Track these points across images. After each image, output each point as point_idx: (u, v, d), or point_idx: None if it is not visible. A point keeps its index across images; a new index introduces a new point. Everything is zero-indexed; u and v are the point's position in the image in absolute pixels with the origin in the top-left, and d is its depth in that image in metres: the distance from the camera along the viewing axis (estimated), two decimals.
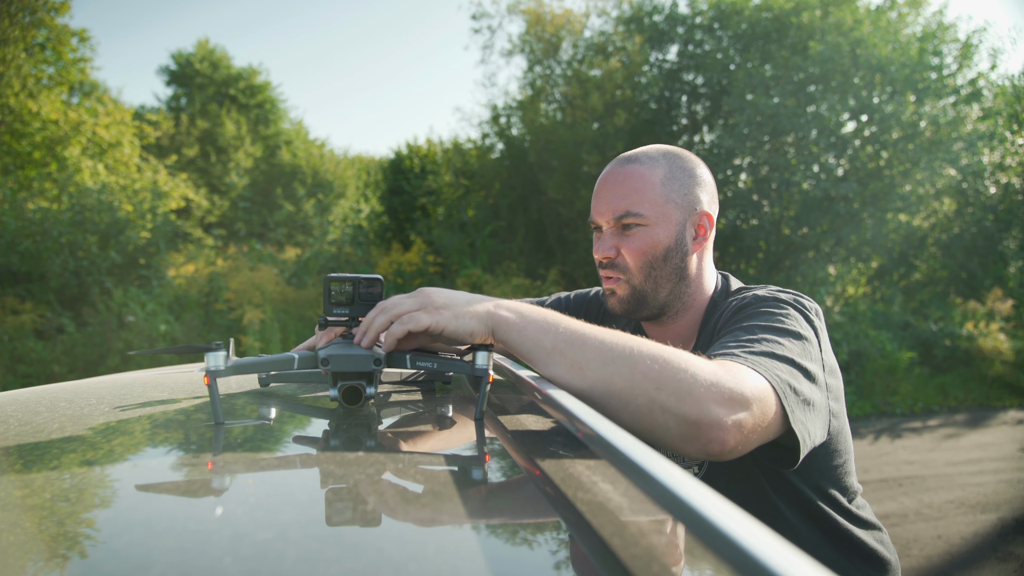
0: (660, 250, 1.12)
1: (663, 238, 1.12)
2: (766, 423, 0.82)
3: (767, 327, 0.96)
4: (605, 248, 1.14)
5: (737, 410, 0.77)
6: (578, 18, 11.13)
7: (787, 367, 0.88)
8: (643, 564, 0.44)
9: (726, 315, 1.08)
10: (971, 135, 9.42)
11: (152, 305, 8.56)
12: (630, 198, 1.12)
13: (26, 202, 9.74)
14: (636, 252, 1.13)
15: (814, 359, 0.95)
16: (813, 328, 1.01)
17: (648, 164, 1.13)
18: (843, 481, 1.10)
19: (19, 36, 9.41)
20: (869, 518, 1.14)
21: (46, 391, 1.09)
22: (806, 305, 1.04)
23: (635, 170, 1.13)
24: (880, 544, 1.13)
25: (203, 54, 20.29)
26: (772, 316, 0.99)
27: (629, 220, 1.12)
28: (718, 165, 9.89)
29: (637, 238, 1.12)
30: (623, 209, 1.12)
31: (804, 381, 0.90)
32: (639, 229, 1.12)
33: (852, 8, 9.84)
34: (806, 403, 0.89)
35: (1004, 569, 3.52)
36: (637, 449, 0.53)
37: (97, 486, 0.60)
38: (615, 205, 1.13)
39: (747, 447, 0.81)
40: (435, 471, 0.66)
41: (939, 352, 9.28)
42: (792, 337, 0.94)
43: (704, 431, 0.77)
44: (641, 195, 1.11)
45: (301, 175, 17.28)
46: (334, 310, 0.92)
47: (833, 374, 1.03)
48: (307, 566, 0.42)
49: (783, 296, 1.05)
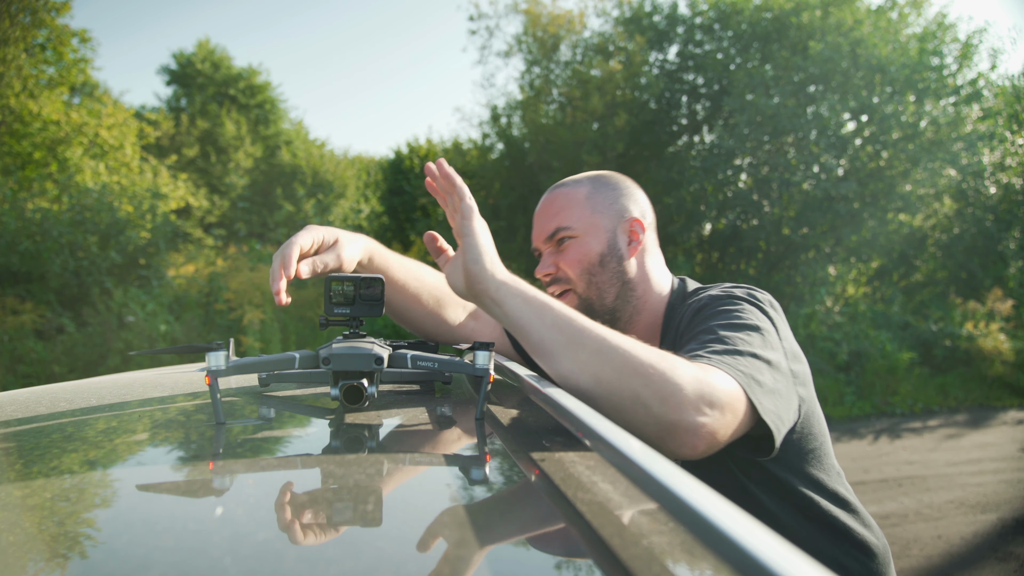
0: (595, 257, 1.19)
1: (595, 246, 1.20)
2: (737, 424, 0.85)
3: (726, 325, 0.99)
4: (545, 267, 1.23)
5: (714, 416, 0.81)
6: (578, 18, 11.13)
7: (749, 360, 0.91)
8: (643, 564, 0.44)
9: (686, 319, 1.11)
10: (971, 135, 9.42)
11: (152, 305, 8.56)
12: (558, 216, 1.21)
13: (26, 202, 9.74)
14: (572, 262, 1.20)
15: (775, 348, 0.99)
16: (769, 318, 1.04)
17: (572, 185, 1.24)
18: (821, 463, 1.12)
19: (20, 36, 9.41)
20: (851, 500, 1.15)
21: (46, 391, 1.09)
22: (759, 298, 1.08)
23: (560, 192, 1.24)
24: (865, 527, 1.13)
25: (204, 54, 20.30)
26: (729, 314, 1.02)
27: (561, 235, 1.21)
28: (718, 165, 9.89)
29: (571, 250, 1.20)
30: (553, 227, 1.21)
31: (768, 371, 0.93)
32: (571, 242, 1.21)
33: (852, 8, 9.85)
34: (773, 392, 0.92)
35: (1004, 569, 3.52)
36: (637, 449, 0.53)
37: (97, 486, 0.60)
38: (546, 226, 1.22)
39: (714, 450, 0.85)
40: (435, 471, 0.66)
41: (939, 352, 9.28)
42: (751, 330, 0.97)
43: (679, 435, 0.80)
44: (568, 211, 1.21)
45: (301, 175, 17.27)
46: (335, 310, 0.93)
47: (797, 359, 1.06)
48: (307, 566, 0.42)
49: (737, 292, 1.09)
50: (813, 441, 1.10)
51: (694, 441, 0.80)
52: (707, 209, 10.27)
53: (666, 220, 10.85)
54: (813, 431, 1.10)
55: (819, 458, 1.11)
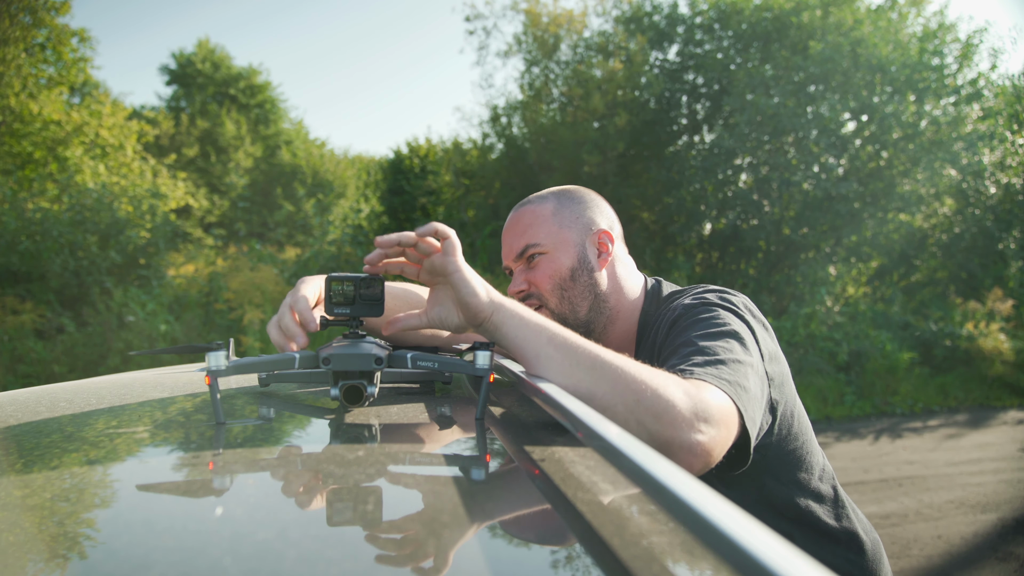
0: (565, 271, 1.19)
1: (565, 261, 1.20)
2: (730, 437, 0.85)
3: (704, 335, 0.98)
4: (517, 284, 1.23)
5: (709, 433, 0.80)
6: (578, 17, 11.13)
7: (733, 368, 0.91)
8: (643, 564, 0.44)
9: (663, 330, 1.10)
10: (971, 135, 9.41)
11: (152, 305, 8.56)
12: (526, 234, 1.22)
13: (26, 202, 9.74)
14: (544, 278, 1.20)
15: (752, 352, 0.98)
16: (745, 322, 1.03)
17: (538, 202, 1.24)
18: (803, 462, 1.11)
19: (20, 36, 9.41)
20: (838, 497, 1.15)
21: (46, 391, 1.09)
22: (733, 301, 1.07)
23: (527, 210, 1.24)
24: (852, 524, 1.13)
25: (204, 54, 20.31)
26: (706, 322, 1.01)
27: (531, 252, 1.21)
28: (718, 165, 9.89)
29: (542, 266, 1.20)
30: (522, 245, 1.22)
31: (752, 376, 0.93)
32: (541, 258, 1.21)
33: (852, 8, 9.85)
34: (755, 399, 0.92)
35: (1004, 569, 3.52)
36: (637, 450, 0.53)
37: (97, 486, 0.60)
38: (515, 244, 1.23)
39: (710, 467, 0.84)
40: (435, 471, 0.66)
41: (939, 352, 9.28)
42: (729, 337, 0.97)
43: (675, 453, 0.79)
44: (536, 228, 1.21)
45: (301, 175, 17.27)
46: (335, 310, 0.92)
47: (774, 360, 1.05)
48: (307, 566, 0.42)
49: (709, 298, 1.08)
50: (794, 441, 1.10)
51: (690, 459, 0.80)
52: (707, 209, 10.27)
53: (666, 220, 10.85)
54: (793, 431, 1.10)
55: (800, 458, 1.11)
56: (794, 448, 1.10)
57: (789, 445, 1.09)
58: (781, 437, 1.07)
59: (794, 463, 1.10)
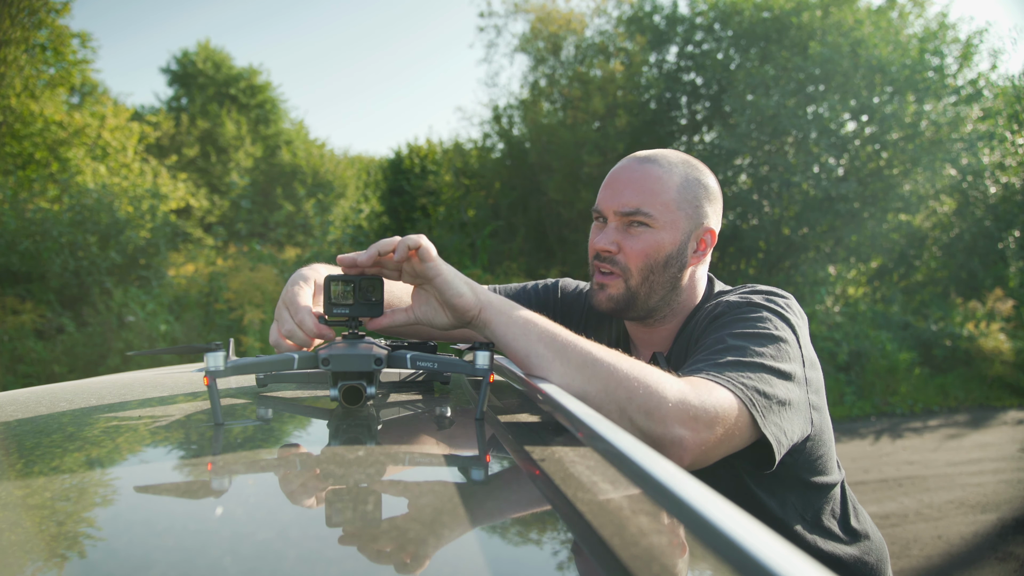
0: (662, 256, 1.10)
1: (667, 244, 1.10)
2: (731, 437, 0.84)
3: (739, 335, 0.97)
4: (607, 241, 1.11)
5: (700, 430, 0.81)
6: (580, 17, 11.13)
7: (757, 373, 0.90)
8: (643, 563, 0.44)
9: (701, 324, 1.09)
10: (971, 135, 9.41)
11: (152, 305, 8.56)
12: (642, 196, 1.09)
13: (26, 202, 9.74)
14: (638, 253, 1.10)
15: (792, 358, 0.97)
16: (789, 325, 1.02)
17: (667, 168, 1.11)
18: (826, 466, 1.12)
19: (20, 37, 9.41)
20: (849, 500, 1.16)
21: (46, 391, 1.09)
22: (779, 303, 1.05)
23: (653, 171, 1.11)
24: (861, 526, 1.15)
25: (205, 54, 20.31)
26: (745, 323, 1.00)
27: (638, 218, 1.09)
28: (718, 165, 9.88)
29: (642, 238, 1.10)
30: (634, 206, 1.09)
31: (778, 383, 0.91)
32: (645, 230, 1.10)
33: (852, 8, 9.84)
34: (781, 404, 0.91)
35: (1004, 569, 3.52)
36: (637, 450, 0.53)
37: (97, 486, 0.60)
38: (627, 200, 1.10)
39: (708, 462, 0.85)
40: (435, 471, 0.66)
41: (939, 352, 9.28)
42: (765, 341, 0.96)
43: (665, 448, 0.80)
44: (655, 196, 1.09)
45: (301, 175, 17.26)
46: (334, 310, 0.92)
47: (813, 367, 1.04)
48: (307, 566, 0.42)
49: (755, 299, 1.05)
50: (823, 447, 1.09)
51: (680, 454, 0.80)
52: None
53: None
54: (823, 437, 1.09)
55: (825, 462, 1.11)
56: (822, 454, 1.10)
57: (819, 451, 1.08)
58: (814, 443, 1.07)
59: (820, 467, 1.10)
